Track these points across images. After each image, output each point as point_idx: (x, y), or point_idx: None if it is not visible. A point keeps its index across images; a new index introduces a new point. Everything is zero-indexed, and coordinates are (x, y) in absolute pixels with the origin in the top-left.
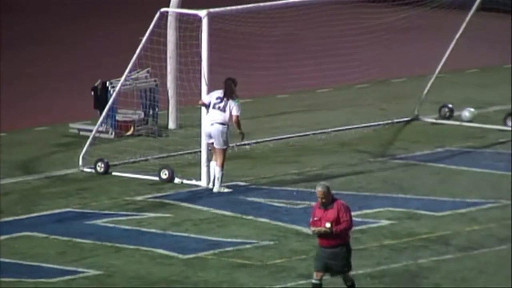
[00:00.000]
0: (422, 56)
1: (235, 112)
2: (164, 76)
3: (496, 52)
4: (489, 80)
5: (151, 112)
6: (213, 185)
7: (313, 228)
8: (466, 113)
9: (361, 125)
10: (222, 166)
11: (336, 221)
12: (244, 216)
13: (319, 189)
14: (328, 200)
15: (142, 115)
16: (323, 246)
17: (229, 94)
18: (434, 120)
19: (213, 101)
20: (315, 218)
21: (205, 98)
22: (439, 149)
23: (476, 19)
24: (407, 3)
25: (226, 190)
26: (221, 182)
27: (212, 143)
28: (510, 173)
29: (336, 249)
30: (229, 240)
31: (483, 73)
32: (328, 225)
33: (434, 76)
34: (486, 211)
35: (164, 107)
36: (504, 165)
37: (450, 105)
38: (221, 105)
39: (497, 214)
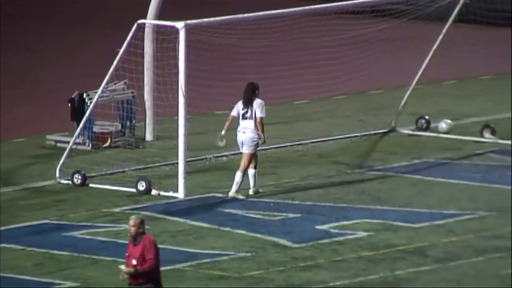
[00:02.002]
0: (400, 68)
1: (259, 114)
2: (141, 88)
3: (473, 64)
4: (466, 92)
5: (128, 124)
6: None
7: (123, 270)
8: (443, 124)
9: (339, 137)
10: (244, 171)
11: (142, 258)
12: (221, 228)
13: (130, 222)
14: (138, 234)
15: (119, 127)
16: (130, 284)
17: (247, 100)
18: (411, 132)
19: (240, 111)
20: (126, 254)
21: (234, 111)
22: (416, 161)
23: (453, 30)
24: (385, 15)
25: (241, 197)
26: (239, 187)
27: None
28: (487, 184)
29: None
30: (206, 251)
31: (460, 84)
32: (134, 262)
33: (411, 87)
34: (463, 223)
35: (141, 119)
36: (481, 177)
37: (427, 117)
38: (248, 114)
39: (474, 226)
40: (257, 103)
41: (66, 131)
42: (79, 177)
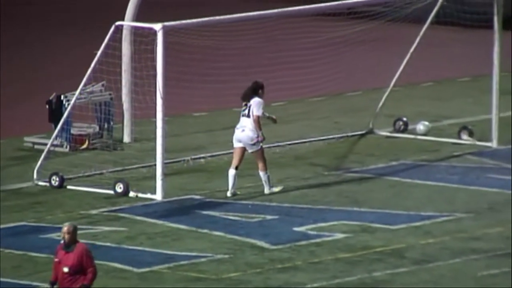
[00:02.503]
0: (377, 69)
1: (255, 112)
2: (119, 90)
3: (450, 66)
4: (444, 94)
5: (106, 126)
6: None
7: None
8: (421, 126)
9: (316, 139)
10: (265, 169)
11: (75, 267)
12: (199, 230)
13: (64, 228)
14: (71, 241)
15: (97, 129)
16: None
17: (245, 97)
18: (388, 134)
19: (241, 109)
20: (56, 260)
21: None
22: (394, 163)
23: (430, 32)
24: (362, 16)
25: (277, 189)
26: (270, 183)
27: (241, 148)
28: (465, 186)
29: None
30: (184, 253)
31: (438, 86)
32: (66, 269)
33: (389, 89)
34: (441, 224)
35: (119, 121)
36: (458, 178)
37: (404, 119)
38: (246, 111)
39: (452, 227)
40: (255, 101)
41: (44, 133)
42: (57, 179)
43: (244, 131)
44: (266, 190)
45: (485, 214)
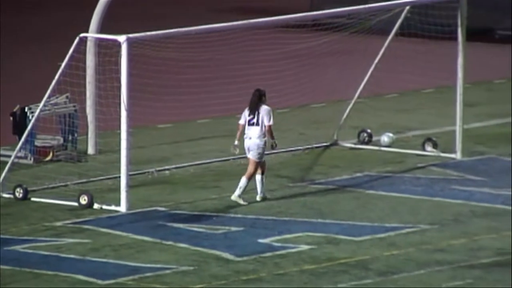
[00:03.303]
0: (342, 81)
1: (266, 122)
2: (83, 102)
3: (415, 77)
4: (408, 105)
5: (70, 138)
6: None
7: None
8: (385, 138)
9: (281, 150)
10: (250, 178)
11: None
12: (164, 242)
13: None
14: None
15: (61, 141)
16: None
17: (253, 106)
18: (353, 145)
19: (247, 118)
20: None
21: (241, 119)
22: (358, 174)
23: (395, 44)
24: (326, 28)
25: (242, 202)
26: (242, 192)
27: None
28: (429, 198)
29: None
30: (148, 265)
31: (402, 98)
32: None
33: (353, 101)
34: (405, 236)
35: (83, 133)
36: (422, 190)
37: (369, 130)
38: (254, 120)
39: (416, 239)
40: (265, 110)
41: (8, 145)
42: (21, 191)
43: (251, 139)
44: (234, 196)
45: (449, 226)
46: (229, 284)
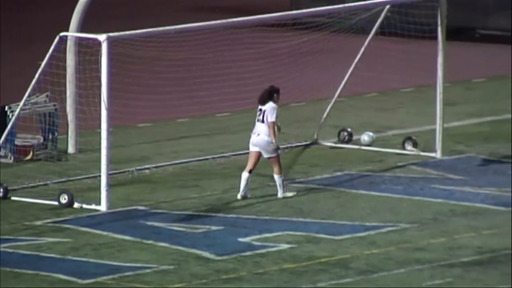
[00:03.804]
0: (322, 80)
1: (269, 119)
2: (63, 101)
3: (394, 76)
4: (388, 104)
5: (50, 137)
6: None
7: None
8: (365, 137)
9: None
10: (280, 173)
11: None
12: (144, 241)
13: None
14: None
15: (41, 140)
16: None
17: (262, 101)
18: (333, 144)
19: (256, 114)
20: None
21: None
22: (338, 173)
23: (375, 43)
24: (306, 27)
25: (290, 194)
26: (284, 187)
27: (257, 152)
28: (409, 197)
29: None
30: (128, 264)
31: (382, 97)
32: None
33: (333, 100)
34: (385, 235)
35: (63, 132)
36: (402, 189)
37: (349, 129)
38: (260, 116)
39: (396, 238)
40: (269, 107)
41: None
42: (1, 190)
43: (260, 136)
44: (280, 194)
45: (429, 225)
46: (209, 283)
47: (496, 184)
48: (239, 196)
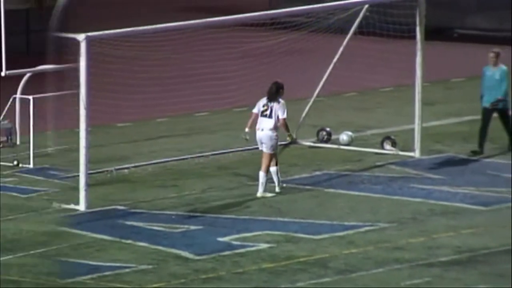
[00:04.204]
0: (300, 80)
1: (281, 116)
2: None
3: (373, 76)
4: (367, 104)
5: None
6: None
7: None
8: (344, 136)
9: (239, 149)
10: (266, 171)
11: None
12: (123, 240)
13: None
14: None
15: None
16: None
17: (271, 97)
18: (312, 144)
19: (261, 108)
20: None
21: (255, 109)
22: (317, 173)
23: (353, 43)
24: (285, 27)
25: (270, 195)
26: (264, 187)
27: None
28: (388, 196)
29: None
30: (108, 264)
31: (361, 96)
32: None
33: (312, 99)
34: (364, 234)
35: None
36: (381, 188)
37: (328, 129)
38: (267, 112)
39: (375, 237)
40: (280, 103)
41: None
42: None
43: (263, 131)
44: (260, 193)
45: (408, 224)
46: (188, 283)
47: (475, 183)
48: (258, 194)
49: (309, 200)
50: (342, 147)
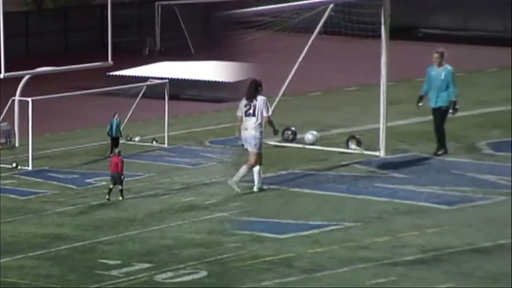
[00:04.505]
0: (266, 79)
1: (265, 113)
2: None
3: (338, 75)
4: (332, 103)
5: None
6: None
7: None
8: (309, 136)
9: None
10: (250, 168)
11: None
12: None
13: None
14: None
15: None
16: None
17: (251, 96)
18: (277, 143)
19: (243, 109)
20: None
21: (238, 111)
22: (283, 172)
23: (318, 42)
24: (251, 26)
25: (237, 189)
26: (240, 180)
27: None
28: (353, 195)
29: None
30: None
31: (326, 96)
32: None
33: (278, 99)
34: (329, 233)
35: None
36: (346, 188)
37: (293, 128)
38: (251, 110)
39: (340, 236)
40: (261, 100)
41: None
42: None
43: (247, 130)
44: (231, 181)
45: (373, 223)
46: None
47: (439, 182)
48: (255, 189)
49: (275, 200)
50: (307, 146)
